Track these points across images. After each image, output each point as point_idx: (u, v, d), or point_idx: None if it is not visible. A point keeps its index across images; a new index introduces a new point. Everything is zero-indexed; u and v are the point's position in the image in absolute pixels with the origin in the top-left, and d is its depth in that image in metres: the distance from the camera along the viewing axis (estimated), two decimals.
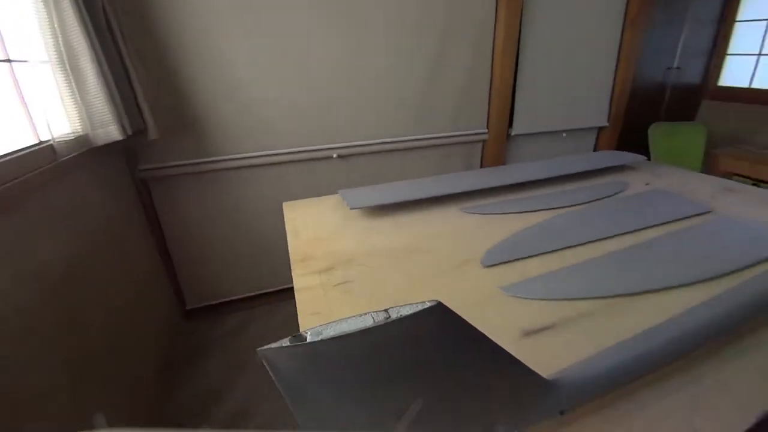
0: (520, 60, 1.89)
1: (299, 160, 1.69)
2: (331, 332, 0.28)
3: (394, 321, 0.27)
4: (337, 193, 1.16)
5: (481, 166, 2.07)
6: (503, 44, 1.78)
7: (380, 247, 0.85)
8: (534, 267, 0.78)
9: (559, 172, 1.27)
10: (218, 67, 1.45)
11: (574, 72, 2.03)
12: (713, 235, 0.88)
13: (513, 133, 2.02)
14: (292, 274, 0.74)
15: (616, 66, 2.09)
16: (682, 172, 1.36)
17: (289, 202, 1.13)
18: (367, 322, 0.28)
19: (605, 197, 1.12)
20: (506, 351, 0.36)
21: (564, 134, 2.17)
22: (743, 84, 2.37)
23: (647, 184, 1.24)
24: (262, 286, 1.88)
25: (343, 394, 0.33)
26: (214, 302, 1.82)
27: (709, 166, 2.13)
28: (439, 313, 0.29)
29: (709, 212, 1.01)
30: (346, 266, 0.76)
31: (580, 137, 2.25)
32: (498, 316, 0.64)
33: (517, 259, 0.80)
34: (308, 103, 1.61)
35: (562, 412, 0.43)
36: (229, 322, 1.83)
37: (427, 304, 0.28)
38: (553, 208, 1.05)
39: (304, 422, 0.33)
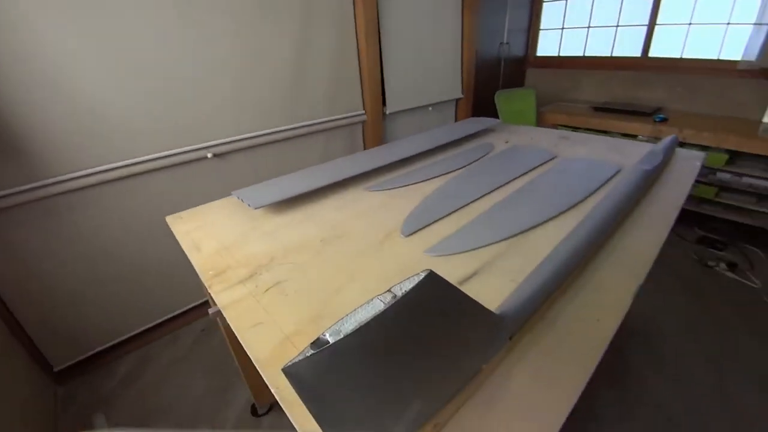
0: (382, 43, 1.98)
1: (168, 166, 1.47)
2: (349, 327, 0.26)
3: (401, 298, 0.28)
4: (229, 195, 1.05)
5: (364, 147, 2.14)
6: (365, 28, 1.84)
7: (298, 240, 0.82)
8: (446, 227, 0.85)
9: (439, 142, 1.40)
10: (37, 64, 1.12)
11: (429, 52, 2.23)
12: (564, 173, 1.11)
13: (388, 112, 2.13)
14: (210, 292, 0.66)
15: (462, 45, 2.37)
16: (527, 129, 1.65)
17: (174, 216, 0.98)
18: (378, 306, 0.27)
19: (481, 158, 1.29)
20: (476, 301, 0.40)
21: (430, 108, 2.39)
22: (554, 53, 2.97)
23: (507, 141, 1.47)
24: (153, 316, 1.61)
25: (362, 388, 0.32)
26: (91, 352, 1.49)
27: (540, 122, 2.62)
28: (432, 279, 0.30)
29: (555, 157, 1.26)
30: (269, 268, 0.71)
31: (443, 109, 2.50)
32: None
33: (430, 224, 0.87)
34: (165, 101, 1.39)
35: (510, 338, 0.50)
36: (117, 370, 1.53)
37: (422, 275, 0.29)
38: (443, 174, 1.16)
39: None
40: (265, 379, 0.46)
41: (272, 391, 0.44)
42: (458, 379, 0.43)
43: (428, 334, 0.35)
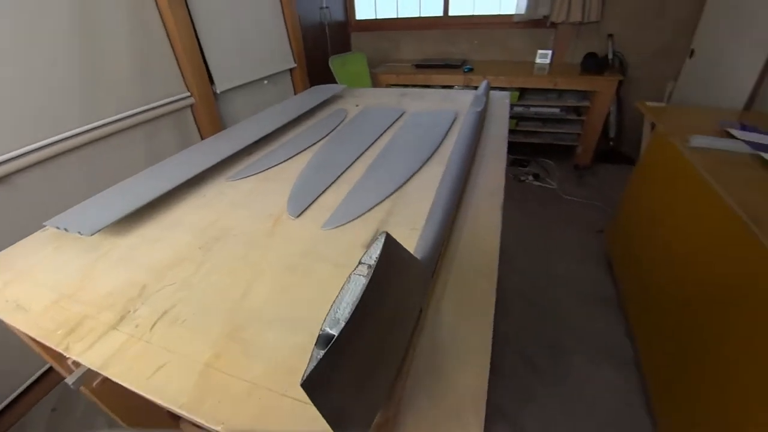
0: (192, 11, 1.70)
1: None
2: (345, 312, 0.23)
3: (376, 266, 0.26)
4: (42, 228, 0.79)
5: (200, 133, 1.88)
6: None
7: (169, 256, 0.68)
8: (331, 198, 0.84)
9: (291, 116, 1.33)
10: None
11: (250, 22, 2.04)
12: (418, 125, 1.20)
13: (218, 91, 1.89)
14: (70, 356, 0.49)
15: (282, 10, 2.23)
16: (371, 91, 1.72)
17: None
18: (360, 281, 0.25)
19: (339, 124, 1.28)
20: (410, 252, 0.40)
21: (265, 81, 2.23)
22: (372, 16, 3.10)
23: (357, 105, 1.50)
24: None
25: (355, 371, 0.29)
26: None
27: (375, 83, 2.76)
28: (390, 241, 0.29)
29: (404, 112, 1.36)
30: (145, 299, 0.58)
31: (279, 81, 2.37)
32: (336, 249, 0.67)
33: (316, 199, 0.84)
34: None
35: (432, 275, 0.54)
36: None
37: (382, 238, 0.27)
38: (308, 148, 1.12)
39: None
40: (201, 422, 0.39)
41: (218, 429, 0.38)
42: (410, 327, 0.45)
43: (394, 294, 0.34)
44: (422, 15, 2.91)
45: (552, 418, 1.30)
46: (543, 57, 2.73)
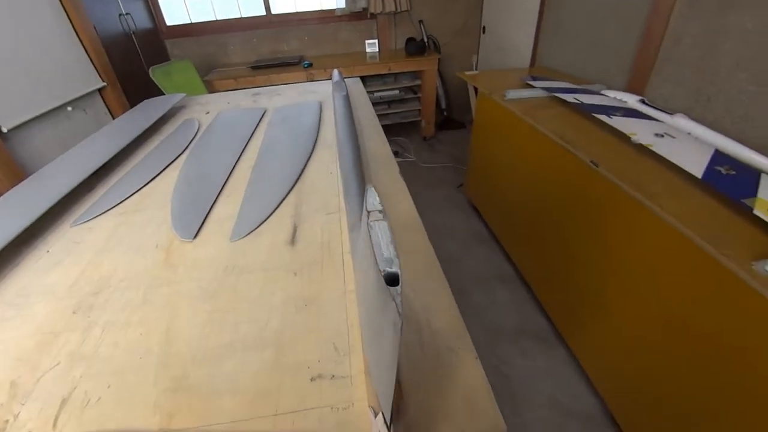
0: None
1: None
2: (390, 252, 0.22)
3: (383, 208, 0.25)
4: None
5: None
6: None
7: (34, 335, 0.50)
8: (224, 210, 0.75)
9: (130, 138, 1.11)
10: None
11: (27, 40, 1.58)
12: (288, 119, 1.16)
13: (5, 129, 1.44)
14: None
15: (70, 19, 1.80)
16: (217, 96, 1.57)
17: None
18: (383, 224, 0.24)
19: (196, 134, 1.13)
20: None
21: (69, 108, 1.79)
22: (186, 20, 2.77)
23: (208, 113, 1.35)
24: None
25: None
26: None
27: (211, 90, 2.51)
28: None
29: (266, 110, 1.29)
30: (24, 397, 0.41)
31: (89, 106, 1.93)
32: (257, 255, 0.61)
33: (206, 216, 0.73)
34: None
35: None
36: None
37: (372, 189, 0.26)
38: (167, 167, 0.96)
39: None
40: None
41: None
42: None
43: None
44: (244, 15, 2.76)
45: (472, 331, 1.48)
46: (372, 46, 2.94)
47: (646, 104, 1.47)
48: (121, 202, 0.81)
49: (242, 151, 0.99)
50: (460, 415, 0.36)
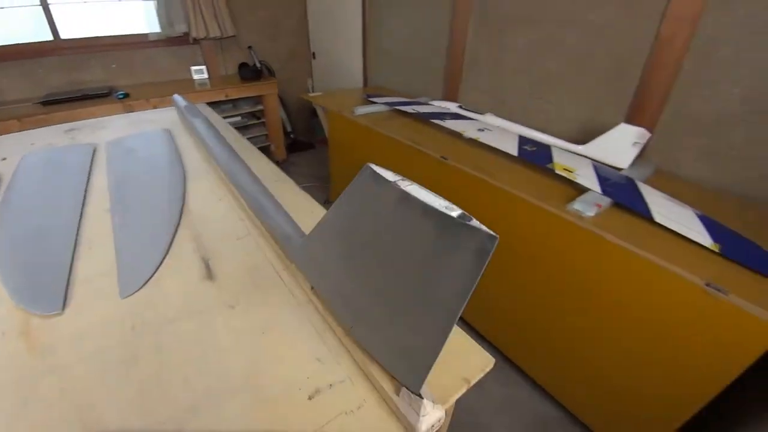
0: None
1: None
2: (443, 202, 0.23)
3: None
4: None
5: None
6: None
7: None
8: (91, 267, 0.59)
9: None
10: None
11: None
12: (131, 151, 0.98)
13: None
14: None
15: None
16: (10, 137, 1.19)
17: None
18: (414, 186, 0.25)
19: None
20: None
21: None
22: None
23: (5, 159, 1.01)
24: None
25: None
26: None
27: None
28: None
29: (96, 144, 1.05)
30: None
31: None
32: (170, 302, 0.51)
33: (68, 279, 0.56)
34: None
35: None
36: None
37: (377, 168, 0.27)
38: None
39: None
40: None
41: None
42: None
43: None
44: (14, 42, 2.14)
45: None
46: (199, 73, 2.71)
47: (463, 109, 1.83)
48: None
49: (85, 196, 0.79)
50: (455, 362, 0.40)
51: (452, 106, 1.86)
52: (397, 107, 1.86)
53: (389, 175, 0.33)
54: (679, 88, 1.16)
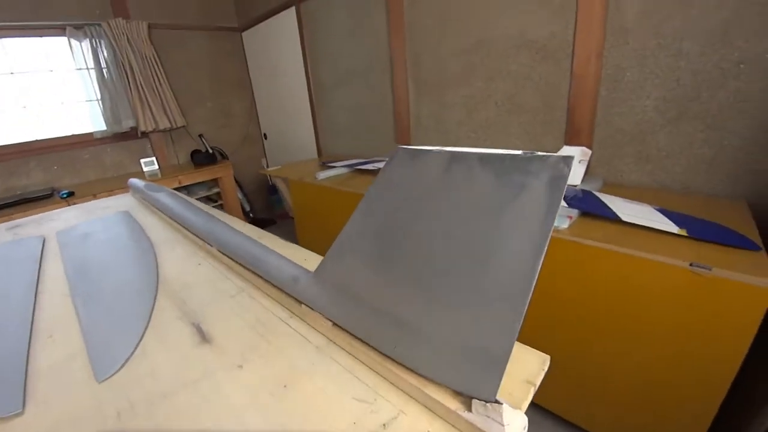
0: None
1: None
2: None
3: None
4: None
5: None
6: None
7: None
8: (54, 354, 0.50)
9: None
10: None
11: None
12: (89, 235, 0.90)
13: None
14: None
15: None
16: None
17: None
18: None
19: None
20: None
21: None
22: None
23: None
24: None
25: None
26: None
27: None
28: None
29: (44, 237, 0.95)
30: None
31: None
32: (162, 380, 0.43)
33: (25, 373, 0.46)
34: None
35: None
36: None
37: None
38: None
39: None
40: None
41: None
42: None
43: None
44: None
45: None
46: (150, 164, 2.66)
47: None
48: None
49: (36, 290, 0.69)
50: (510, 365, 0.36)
51: None
52: (357, 167, 1.92)
53: (425, 148, 0.33)
54: (602, 109, 1.33)
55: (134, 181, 1.27)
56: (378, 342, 0.40)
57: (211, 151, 2.83)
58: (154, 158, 2.72)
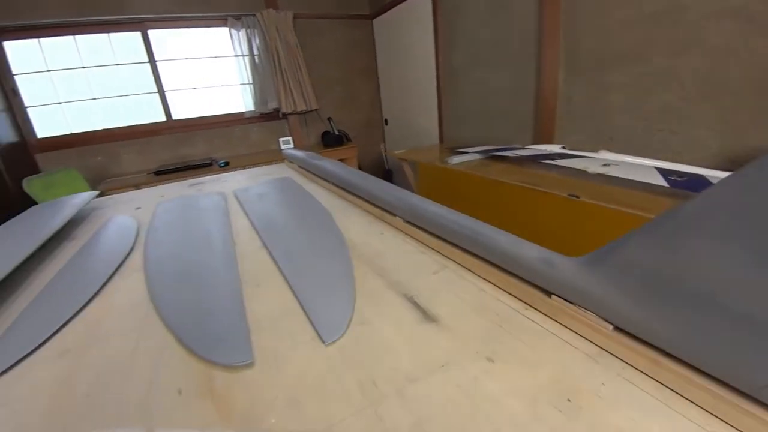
0: None
1: None
2: None
3: None
4: None
5: None
6: None
7: None
8: (260, 312, 0.47)
9: (29, 251, 0.72)
10: None
11: None
12: (264, 195, 0.93)
13: None
14: None
15: None
16: (134, 193, 1.23)
17: None
18: None
19: (139, 232, 0.80)
20: None
21: None
22: (65, 131, 2.31)
23: (138, 208, 1.01)
24: None
25: None
26: None
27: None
28: None
29: (223, 192, 1.03)
30: None
31: None
32: (372, 358, 0.36)
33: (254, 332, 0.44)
34: None
35: None
36: None
37: None
38: (105, 285, 0.62)
39: None
40: None
41: None
42: None
43: None
44: (139, 123, 2.46)
45: None
46: (286, 143, 2.90)
47: (568, 149, 1.68)
48: (51, 337, 0.46)
49: (231, 235, 0.72)
50: None
51: (555, 148, 1.72)
52: (492, 154, 1.76)
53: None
54: None
55: (290, 150, 1.32)
56: (727, 373, 0.26)
57: (337, 133, 2.95)
58: (290, 138, 2.94)
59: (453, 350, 0.35)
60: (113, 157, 2.44)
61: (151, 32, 2.43)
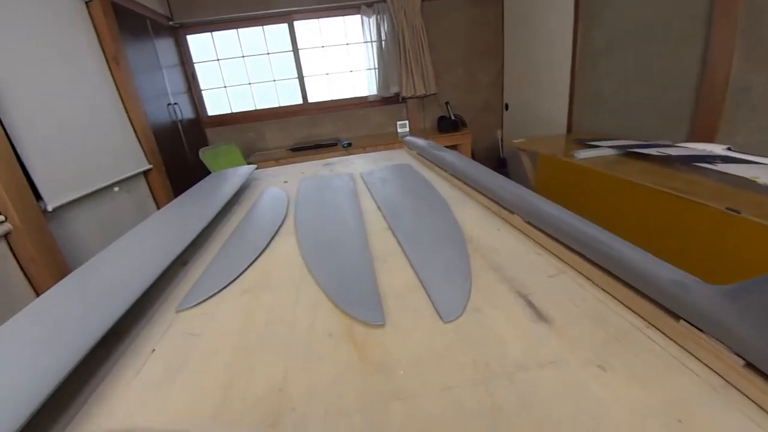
0: (5, 120, 1.16)
1: None
2: None
3: None
4: None
5: (22, 270, 1.19)
6: None
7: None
8: (391, 285, 0.55)
9: (215, 212, 0.95)
10: None
11: (84, 124, 1.54)
12: (384, 181, 1.02)
13: (50, 208, 1.29)
14: None
15: (124, 104, 1.80)
16: (280, 168, 1.47)
17: None
18: None
19: (289, 203, 0.98)
20: None
21: (116, 188, 1.67)
22: (226, 110, 2.87)
23: (286, 182, 1.22)
24: None
25: None
26: None
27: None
28: None
29: (352, 174, 1.16)
30: None
31: (132, 187, 1.83)
32: (485, 344, 0.40)
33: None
34: None
35: None
36: None
37: None
38: (268, 244, 0.78)
39: None
40: None
41: None
42: None
43: None
44: (282, 105, 2.88)
45: None
46: (403, 126, 3.02)
47: (734, 151, 1.39)
48: (234, 280, 0.62)
49: (360, 214, 0.83)
50: None
51: (717, 149, 1.44)
52: (630, 150, 1.55)
53: None
54: None
55: (411, 138, 1.40)
56: None
57: (454, 118, 2.94)
58: (407, 121, 3.05)
59: (564, 352, 0.38)
60: (260, 134, 2.90)
61: (296, 23, 2.76)
